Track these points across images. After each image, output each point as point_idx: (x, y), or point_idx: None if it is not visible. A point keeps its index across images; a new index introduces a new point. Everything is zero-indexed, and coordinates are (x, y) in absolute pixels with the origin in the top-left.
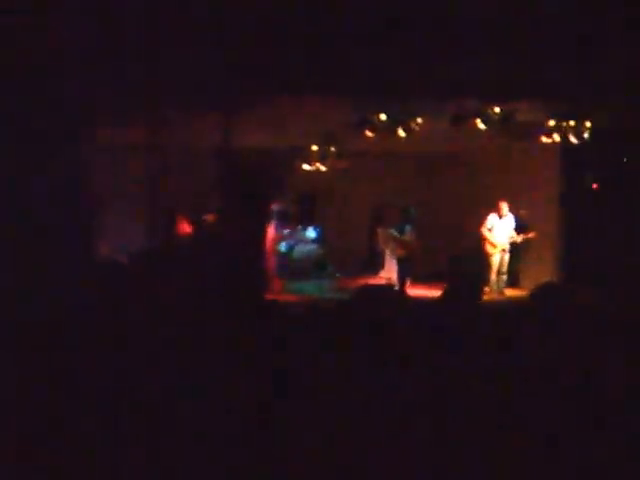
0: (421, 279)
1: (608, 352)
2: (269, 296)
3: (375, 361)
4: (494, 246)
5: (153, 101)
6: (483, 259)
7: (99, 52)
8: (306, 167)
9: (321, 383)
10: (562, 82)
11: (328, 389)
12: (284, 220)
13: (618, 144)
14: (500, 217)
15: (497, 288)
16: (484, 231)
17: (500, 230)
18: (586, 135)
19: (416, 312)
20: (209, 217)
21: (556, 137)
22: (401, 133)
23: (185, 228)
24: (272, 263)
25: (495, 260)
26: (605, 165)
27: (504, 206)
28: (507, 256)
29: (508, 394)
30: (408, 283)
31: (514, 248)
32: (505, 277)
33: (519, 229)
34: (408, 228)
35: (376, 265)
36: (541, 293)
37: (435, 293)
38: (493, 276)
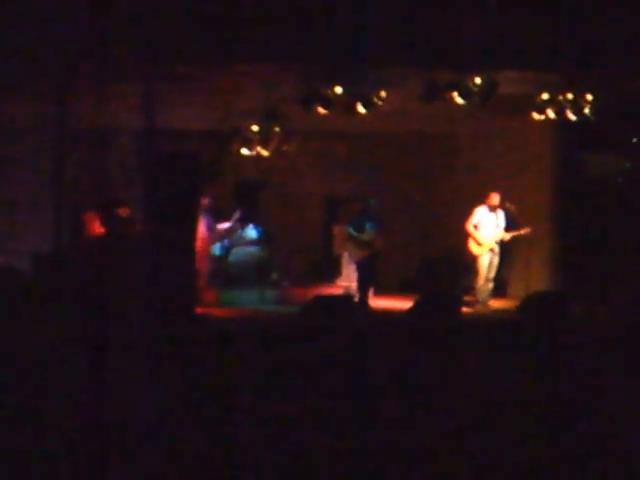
0: (387, 288)
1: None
2: (200, 309)
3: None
4: (480, 245)
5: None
6: (465, 262)
7: None
8: (245, 151)
9: None
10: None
11: None
12: (218, 216)
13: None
14: (490, 210)
15: (482, 299)
16: (469, 227)
17: (489, 226)
18: (587, 110)
19: (380, 330)
20: (123, 211)
21: (550, 113)
22: (361, 109)
23: (96, 227)
24: (203, 269)
25: (484, 262)
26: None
27: (495, 197)
28: (497, 259)
29: None
30: (371, 293)
31: (502, 249)
32: (492, 285)
33: (507, 225)
34: (370, 226)
35: (332, 271)
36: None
37: (404, 305)
38: (481, 282)
